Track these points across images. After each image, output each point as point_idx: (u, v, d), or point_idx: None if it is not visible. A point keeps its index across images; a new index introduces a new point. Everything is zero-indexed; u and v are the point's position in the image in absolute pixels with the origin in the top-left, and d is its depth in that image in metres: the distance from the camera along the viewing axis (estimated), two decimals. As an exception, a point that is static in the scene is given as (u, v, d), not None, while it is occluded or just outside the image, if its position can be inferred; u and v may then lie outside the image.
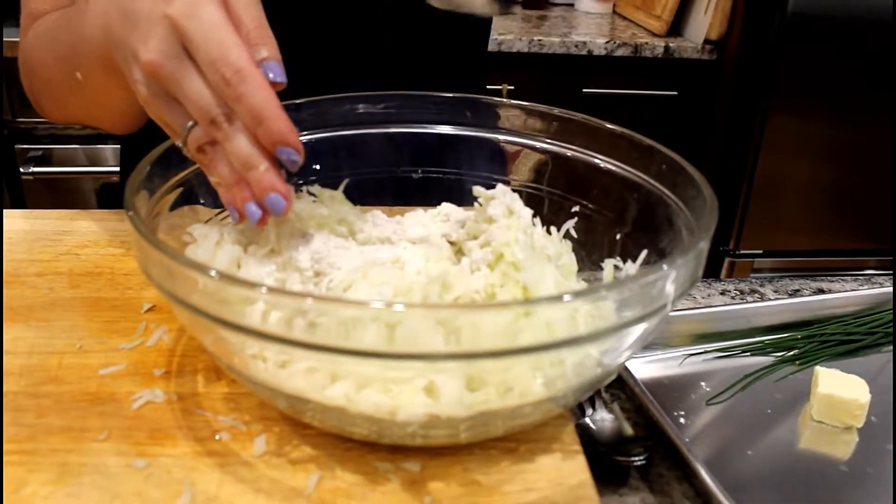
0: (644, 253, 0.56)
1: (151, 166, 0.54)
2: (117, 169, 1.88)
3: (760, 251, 2.18)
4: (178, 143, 0.53)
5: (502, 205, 0.55)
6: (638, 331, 0.44)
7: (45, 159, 1.88)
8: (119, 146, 0.99)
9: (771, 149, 2.07)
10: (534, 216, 0.58)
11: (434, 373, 0.42)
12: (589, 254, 0.61)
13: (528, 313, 0.39)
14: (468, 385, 0.44)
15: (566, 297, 0.39)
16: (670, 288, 0.43)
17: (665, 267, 0.42)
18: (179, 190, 0.57)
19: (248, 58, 0.49)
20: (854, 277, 0.91)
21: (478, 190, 0.58)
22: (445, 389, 0.43)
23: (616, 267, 0.58)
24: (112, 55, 0.57)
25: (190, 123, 0.51)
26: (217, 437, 0.50)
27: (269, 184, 0.50)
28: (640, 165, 0.58)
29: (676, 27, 2.23)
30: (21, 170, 1.85)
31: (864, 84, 2.03)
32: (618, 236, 0.60)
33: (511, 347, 0.39)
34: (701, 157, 2.18)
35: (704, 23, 2.12)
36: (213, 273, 0.40)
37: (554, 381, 0.44)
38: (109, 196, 1.90)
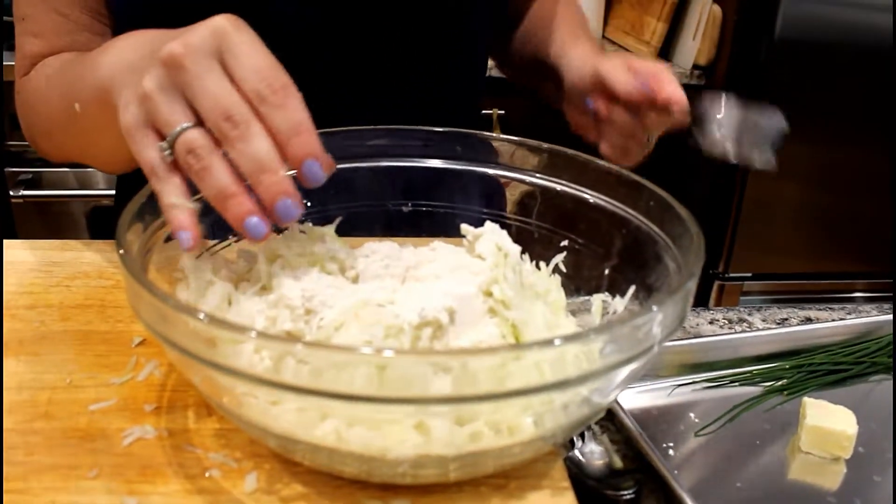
0: (632, 289, 0.56)
1: (145, 201, 0.54)
2: (108, 192, 1.90)
3: (750, 274, 2.19)
4: (162, 145, 0.50)
5: (491, 242, 0.55)
6: (626, 371, 0.44)
7: (36, 182, 1.88)
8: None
9: (760, 172, 2.08)
10: (522, 252, 0.59)
11: (424, 415, 0.43)
12: (577, 288, 0.61)
13: (518, 357, 0.39)
14: (457, 420, 0.44)
15: (556, 342, 0.39)
16: (658, 329, 0.43)
17: (654, 308, 0.42)
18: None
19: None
20: (842, 306, 0.92)
21: (465, 228, 0.58)
22: (436, 428, 0.43)
23: (604, 302, 0.58)
24: (110, 89, 0.57)
25: (186, 124, 0.49)
26: (207, 475, 0.50)
27: (285, 187, 0.48)
28: (628, 201, 0.59)
29: (665, 52, 2.25)
30: (11, 193, 1.85)
31: (852, 108, 2.05)
32: (606, 271, 0.60)
33: (501, 391, 0.39)
34: (690, 180, 2.19)
35: (693, 48, 2.14)
36: (202, 316, 0.41)
37: (544, 420, 0.45)
38: (100, 220, 1.90)
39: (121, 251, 0.47)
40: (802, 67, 1.99)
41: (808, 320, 0.89)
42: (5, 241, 0.76)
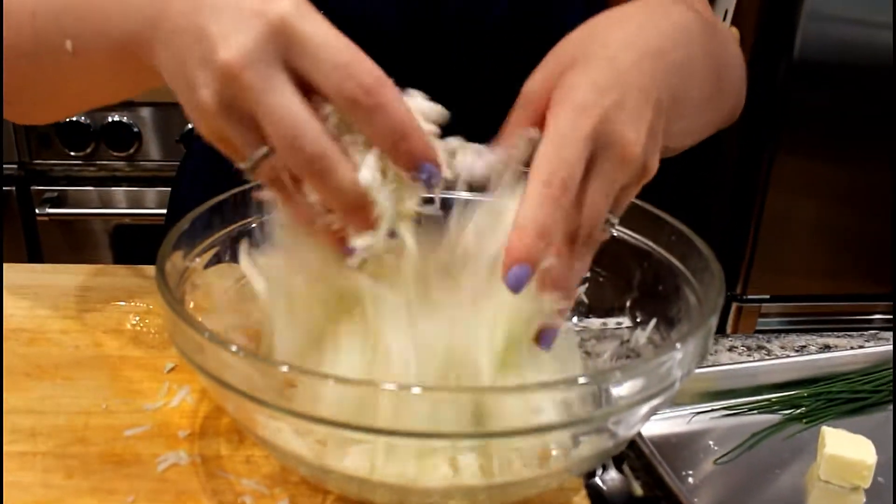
0: (653, 322, 0.58)
1: (187, 228, 0.54)
2: (130, 211, 1.92)
3: (768, 296, 2.18)
4: (243, 166, 0.45)
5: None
6: (648, 406, 0.45)
7: (60, 201, 1.90)
8: (128, 188, 0.96)
9: (778, 192, 2.07)
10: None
11: (454, 450, 0.44)
12: (598, 318, 0.62)
13: (544, 395, 0.41)
14: (486, 453, 0.46)
15: (582, 380, 0.40)
16: (680, 366, 0.44)
17: (677, 346, 0.43)
18: (214, 250, 0.58)
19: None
20: (860, 333, 0.92)
21: None
22: (466, 462, 0.44)
23: (625, 336, 0.60)
24: (142, 40, 0.48)
25: (263, 151, 0.43)
26: (240, 501, 0.51)
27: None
28: (649, 234, 0.60)
29: (683, 73, 2.25)
30: (37, 211, 1.88)
31: (872, 128, 2.04)
32: (628, 302, 0.62)
33: (528, 427, 0.40)
34: (708, 200, 2.19)
35: (711, 69, 2.14)
36: (235, 349, 0.42)
37: (569, 452, 0.46)
38: (122, 239, 1.92)
39: (159, 280, 0.49)
40: (822, 88, 1.99)
41: (827, 347, 0.89)
42: (40, 266, 0.78)
